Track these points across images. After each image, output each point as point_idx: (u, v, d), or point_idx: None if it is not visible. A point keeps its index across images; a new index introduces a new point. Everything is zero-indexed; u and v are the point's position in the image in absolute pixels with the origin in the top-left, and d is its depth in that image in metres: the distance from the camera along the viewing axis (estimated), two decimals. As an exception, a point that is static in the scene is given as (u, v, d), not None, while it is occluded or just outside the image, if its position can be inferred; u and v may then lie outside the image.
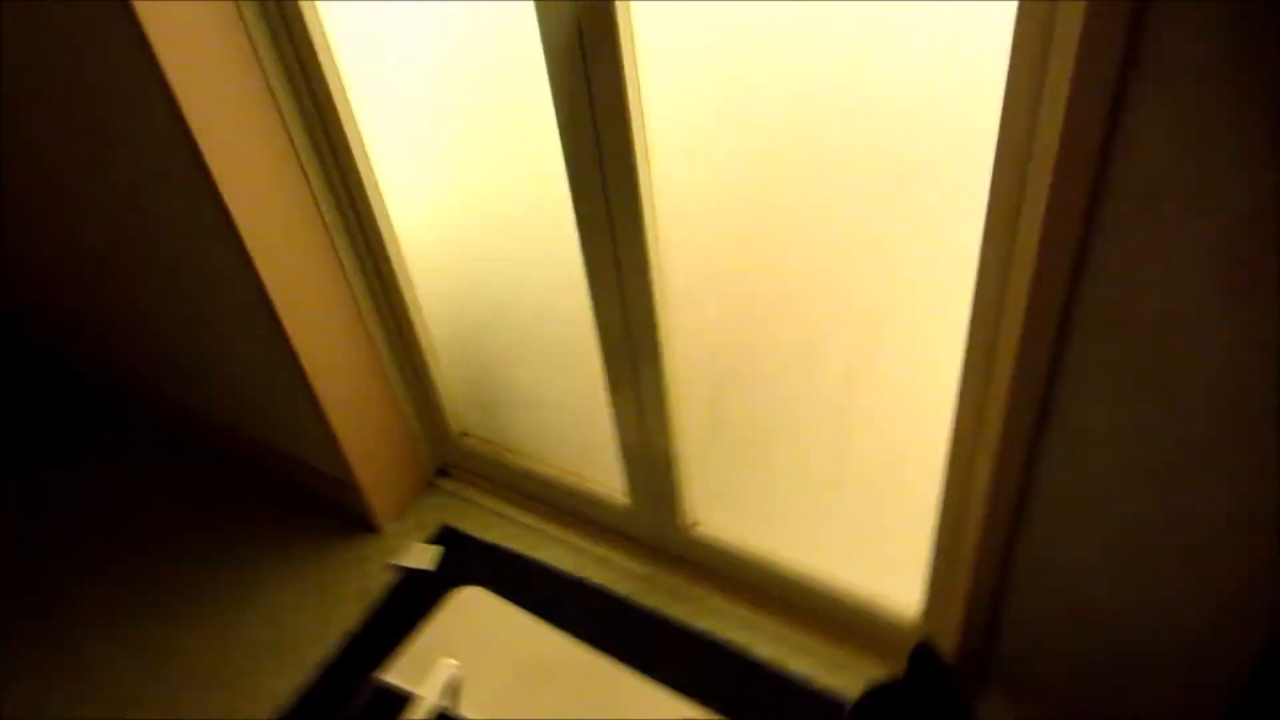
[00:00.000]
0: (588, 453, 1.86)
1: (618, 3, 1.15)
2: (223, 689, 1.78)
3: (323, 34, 1.48)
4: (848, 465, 1.49)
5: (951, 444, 1.29)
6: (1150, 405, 0.98)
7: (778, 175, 1.23)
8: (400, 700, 1.67)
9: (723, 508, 1.75)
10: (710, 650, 1.70)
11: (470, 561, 1.93)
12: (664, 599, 1.80)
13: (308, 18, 1.45)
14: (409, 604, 1.86)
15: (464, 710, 1.64)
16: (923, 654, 1.26)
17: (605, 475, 1.86)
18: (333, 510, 2.09)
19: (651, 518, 1.81)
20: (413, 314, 1.84)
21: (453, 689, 1.65)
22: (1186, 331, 0.90)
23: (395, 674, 1.73)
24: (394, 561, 1.95)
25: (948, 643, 1.48)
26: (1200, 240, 0.85)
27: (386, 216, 1.72)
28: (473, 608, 1.84)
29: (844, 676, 1.60)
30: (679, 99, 1.24)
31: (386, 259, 1.75)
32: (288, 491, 2.17)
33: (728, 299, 1.41)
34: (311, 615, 1.88)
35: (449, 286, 1.79)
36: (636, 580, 1.84)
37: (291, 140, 1.59)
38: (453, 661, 1.65)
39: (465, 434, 2.06)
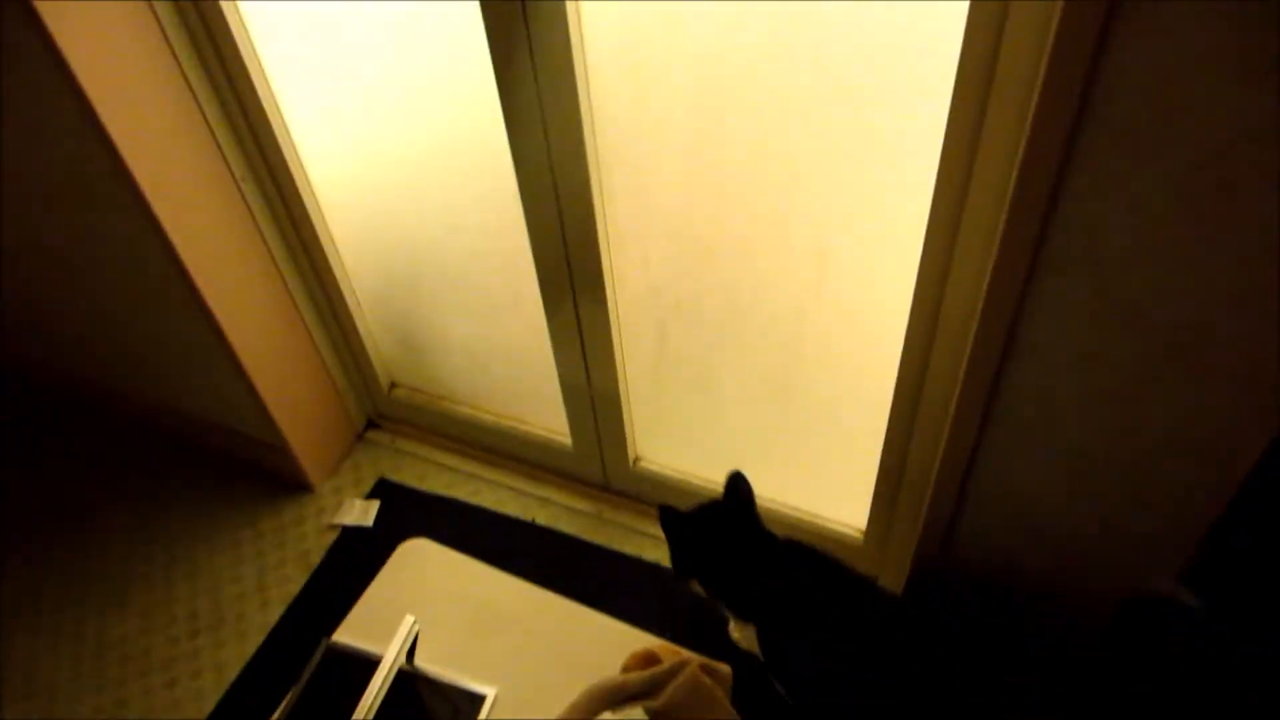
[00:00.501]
0: (526, 396, 1.84)
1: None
2: (164, 670, 1.71)
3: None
4: (795, 396, 1.51)
5: (900, 372, 1.31)
6: (1110, 333, 1.01)
7: (724, 106, 1.20)
8: (354, 660, 1.64)
9: (667, 442, 1.76)
10: (662, 580, 1.72)
11: (410, 513, 1.90)
12: (612, 534, 1.81)
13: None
14: (351, 562, 1.82)
15: (423, 664, 1.63)
16: (735, 481, 1.37)
17: (546, 417, 1.84)
18: (263, 474, 2.01)
19: (595, 456, 1.81)
20: (334, 268, 1.75)
21: (410, 644, 1.63)
22: (1149, 264, 0.93)
23: (346, 634, 1.70)
24: (332, 521, 1.89)
25: (897, 555, 1.54)
26: (1167, 176, 0.87)
27: (302, 170, 1.62)
28: (419, 559, 1.81)
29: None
30: (623, 26, 1.19)
31: (304, 214, 1.66)
32: (214, 460, 2.07)
33: (673, 233, 1.39)
34: (251, 584, 1.82)
35: (372, 239, 1.71)
36: (582, 518, 1.85)
37: (195, 97, 1.48)
38: (411, 617, 1.63)
39: (395, 384, 2.00)
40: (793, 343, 1.43)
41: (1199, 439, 1.06)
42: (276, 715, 1.59)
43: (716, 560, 1.40)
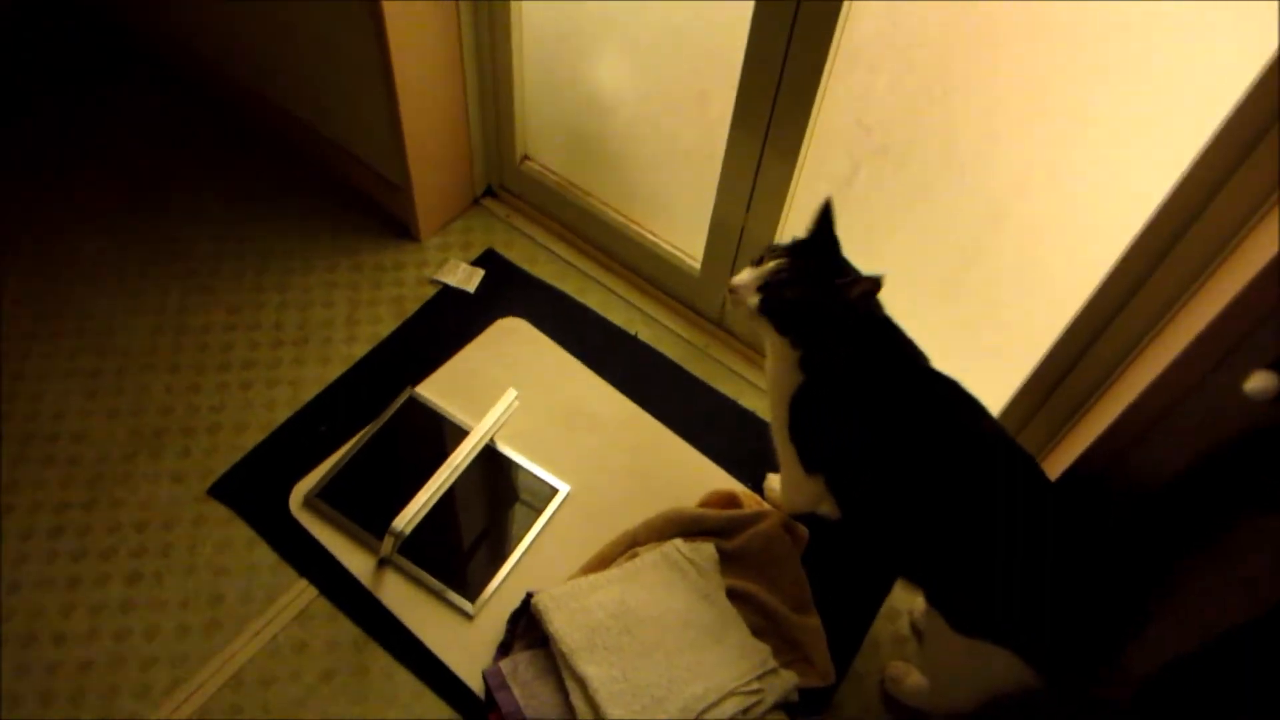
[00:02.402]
0: (668, 207, 1.73)
1: None
2: (242, 369, 1.67)
3: None
4: (963, 283, 1.41)
5: (1105, 286, 1.20)
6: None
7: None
8: (433, 416, 1.61)
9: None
10: (751, 426, 1.66)
11: (512, 291, 1.82)
12: (714, 371, 1.74)
13: None
14: (445, 322, 1.76)
15: (503, 442, 1.59)
16: (827, 209, 1.20)
17: (680, 236, 1.73)
18: (374, 211, 1.93)
19: (720, 290, 1.72)
20: (512, 11, 1.61)
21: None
22: None
23: (429, 389, 1.65)
24: (434, 276, 1.82)
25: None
26: None
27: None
28: (516, 338, 1.75)
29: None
30: None
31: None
32: (330, 183, 1.98)
33: (915, 66, 1.24)
34: (341, 313, 1.76)
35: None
36: (687, 347, 1.77)
37: None
38: (514, 391, 1.58)
39: (527, 157, 1.88)
40: (992, 222, 1.32)
41: None
42: (348, 446, 1.57)
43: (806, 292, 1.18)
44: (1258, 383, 0.89)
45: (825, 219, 1.20)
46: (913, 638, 1.48)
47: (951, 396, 1.18)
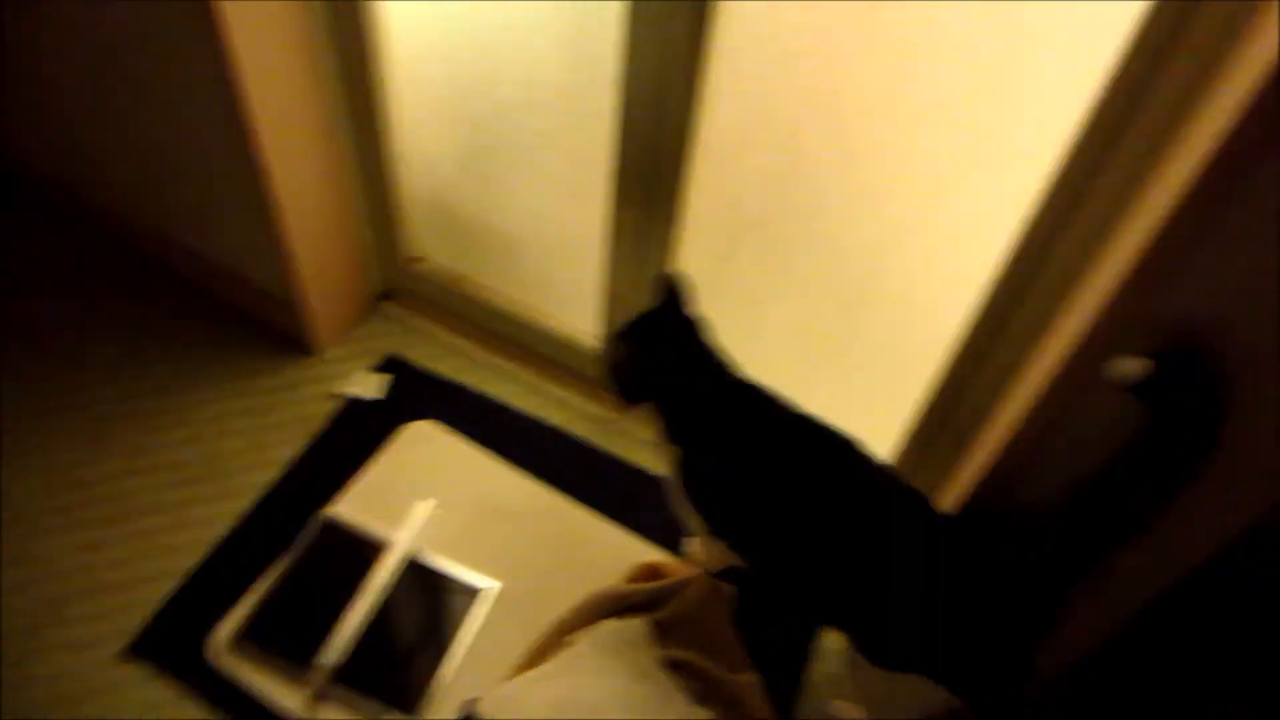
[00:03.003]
0: (561, 292, 1.76)
1: None
2: (145, 516, 1.62)
3: None
4: (846, 337, 1.47)
5: (976, 327, 1.28)
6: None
7: (859, 27, 1.12)
8: (350, 536, 1.59)
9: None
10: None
11: (419, 394, 1.82)
12: (628, 445, 1.77)
13: None
14: (353, 435, 1.75)
15: (425, 549, 1.58)
16: (668, 282, 1.26)
17: (578, 317, 1.76)
18: (267, 331, 1.90)
19: (622, 365, 1.75)
20: (391, 115, 1.63)
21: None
22: None
23: (344, 508, 1.64)
24: (337, 390, 1.81)
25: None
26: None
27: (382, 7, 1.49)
28: (426, 442, 1.75)
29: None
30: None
31: (372, 49, 1.52)
32: (217, 308, 1.94)
33: (774, 147, 1.31)
34: (244, 441, 1.73)
35: (437, 96, 1.59)
36: (597, 425, 1.80)
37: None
38: (431, 501, 1.57)
39: (419, 257, 1.90)
40: (866, 279, 1.39)
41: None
42: (267, 581, 1.54)
43: (659, 360, 1.25)
44: (1128, 365, 0.92)
45: (666, 291, 1.27)
46: (847, 674, 1.52)
47: (830, 444, 1.22)
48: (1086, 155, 1.05)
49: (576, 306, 1.74)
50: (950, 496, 1.41)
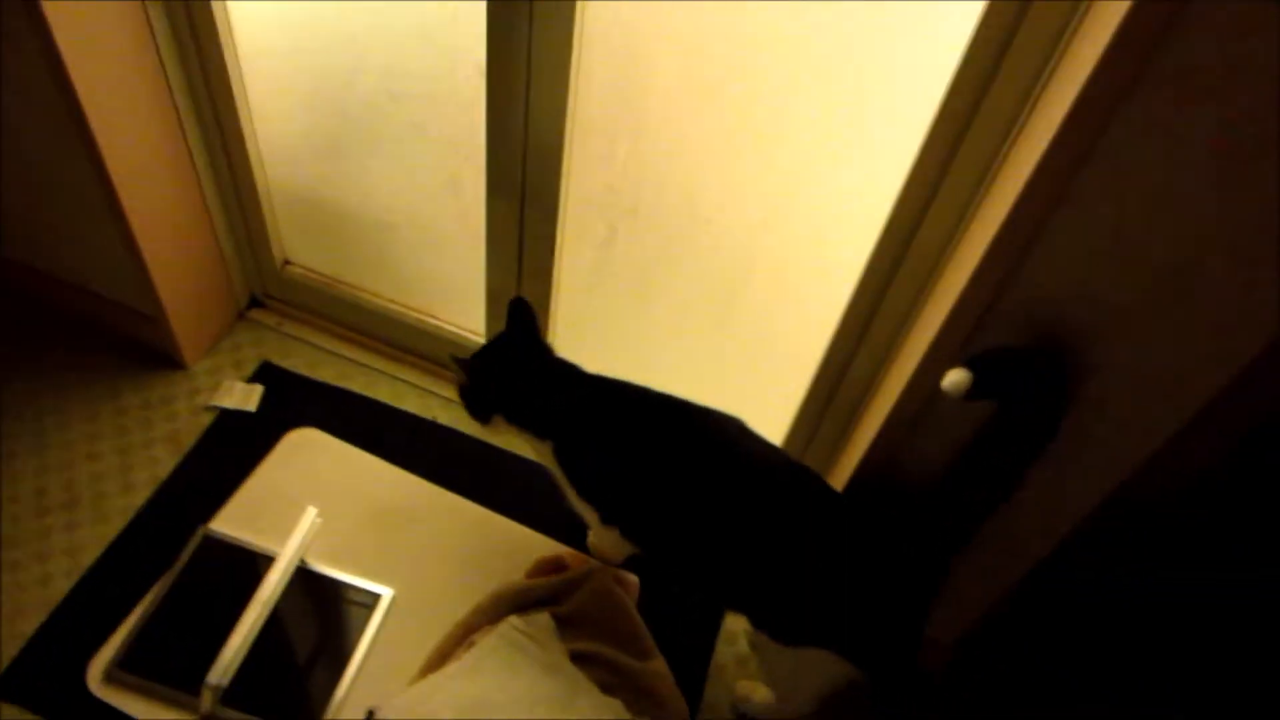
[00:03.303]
0: (442, 289, 1.73)
1: None
2: (7, 550, 1.51)
3: None
4: (732, 318, 1.50)
5: (854, 302, 1.32)
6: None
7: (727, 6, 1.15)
8: (234, 551, 1.52)
9: (592, 351, 1.70)
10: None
11: (297, 401, 1.76)
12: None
13: None
14: (229, 448, 1.67)
15: (314, 559, 1.53)
16: (518, 306, 1.35)
17: (460, 314, 1.74)
18: (129, 347, 1.80)
19: (508, 359, 1.74)
20: (241, 116, 1.56)
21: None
22: (1168, 212, 0.94)
23: (224, 523, 1.57)
24: (209, 403, 1.73)
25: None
26: (1203, 129, 0.88)
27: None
28: (309, 450, 1.69)
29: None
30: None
31: (215, 45, 1.46)
32: (71, 326, 1.83)
33: (647, 131, 1.32)
34: (112, 463, 1.64)
35: (294, 91, 1.53)
36: (487, 422, 1.78)
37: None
38: (313, 509, 1.52)
39: (288, 261, 1.83)
40: (744, 262, 1.42)
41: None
42: (145, 604, 1.46)
43: (511, 383, 1.34)
44: (951, 379, 1.00)
45: (514, 316, 1.35)
46: (753, 654, 1.56)
47: (713, 426, 1.25)
48: (941, 141, 1.11)
49: (460, 303, 1.72)
50: (839, 475, 1.46)
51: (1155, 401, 1.02)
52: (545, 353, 1.35)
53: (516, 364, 1.33)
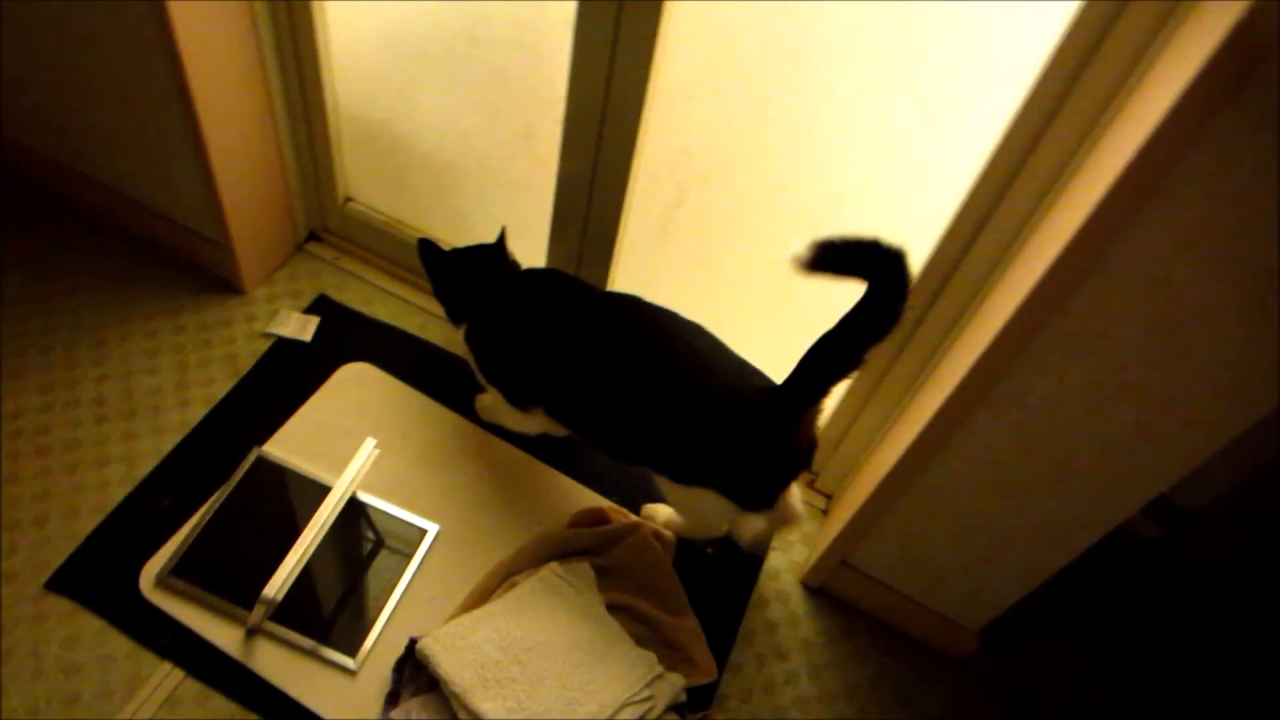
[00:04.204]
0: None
1: None
2: (65, 451, 1.56)
3: None
4: (790, 294, 1.52)
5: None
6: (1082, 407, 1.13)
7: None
8: (285, 474, 1.56)
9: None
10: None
11: (351, 335, 1.79)
12: (564, 394, 1.78)
13: None
14: (283, 375, 1.71)
15: (361, 490, 1.56)
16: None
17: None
18: (190, 269, 1.84)
19: (561, 312, 1.76)
20: (320, 52, 1.58)
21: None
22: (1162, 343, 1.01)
23: (276, 447, 1.60)
24: (265, 329, 1.76)
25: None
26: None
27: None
28: (361, 383, 1.72)
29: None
30: None
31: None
32: (137, 245, 1.86)
33: (726, 94, 1.33)
34: (169, 379, 1.67)
35: (373, 29, 1.55)
36: (534, 373, 1.80)
37: None
38: (372, 440, 1.55)
39: (350, 198, 1.85)
40: (814, 234, 1.42)
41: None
42: (197, 516, 1.50)
43: (450, 272, 1.58)
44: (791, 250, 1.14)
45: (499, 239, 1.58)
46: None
47: (610, 302, 1.42)
48: (1024, 127, 1.12)
49: (521, 251, 1.73)
50: (882, 456, 1.48)
51: (1227, 400, 1.03)
52: (493, 255, 1.56)
53: (466, 261, 1.56)
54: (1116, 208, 0.94)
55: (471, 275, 1.54)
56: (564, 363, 1.40)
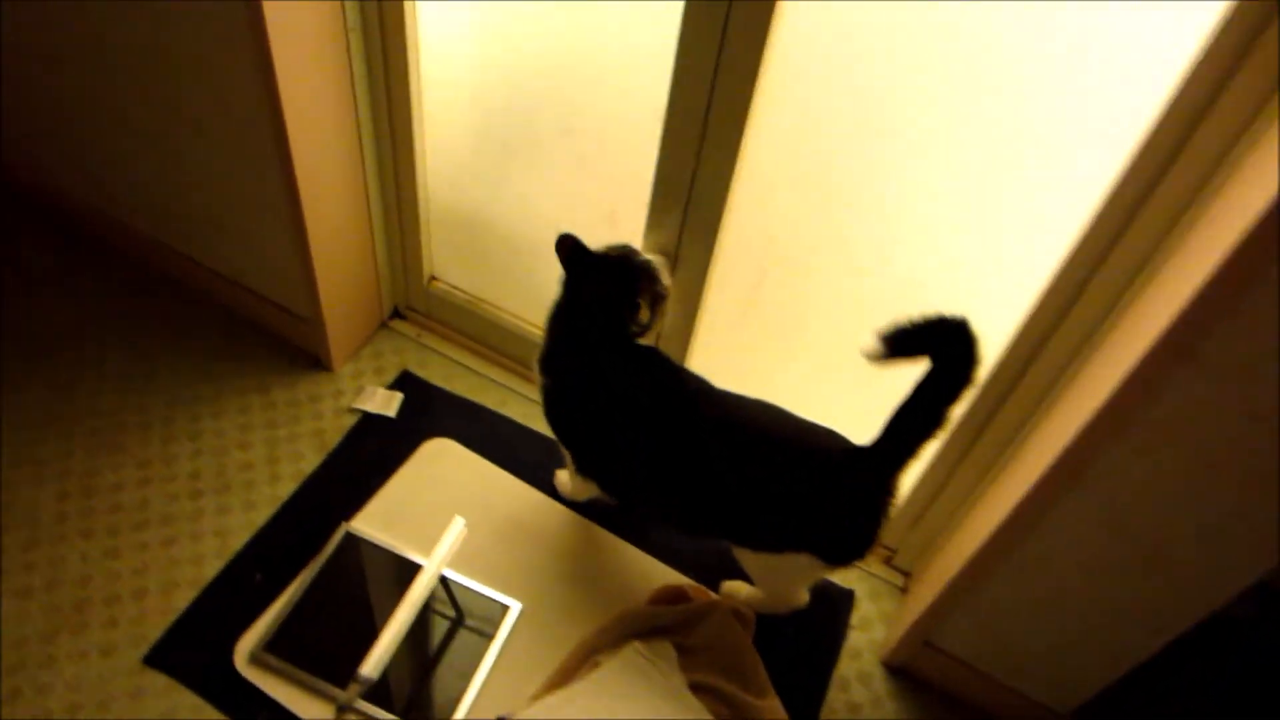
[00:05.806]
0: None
1: None
2: (162, 526, 1.61)
3: None
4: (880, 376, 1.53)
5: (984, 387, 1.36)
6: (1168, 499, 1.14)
7: (909, 70, 1.19)
8: (371, 550, 1.59)
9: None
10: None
11: (433, 411, 1.84)
12: (640, 469, 1.80)
13: None
14: (369, 450, 1.75)
15: (447, 567, 1.59)
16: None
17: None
18: (281, 346, 1.91)
19: (639, 389, 1.79)
20: (415, 137, 1.65)
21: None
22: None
23: (363, 523, 1.64)
24: (352, 405, 1.81)
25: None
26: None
27: (415, 29, 1.51)
28: (445, 459, 1.76)
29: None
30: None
31: (402, 71, 1.55)
32: (230, 322, 1.95)
33: (809, 182, 1.37)
34: (260, 454, 1.73)
35: (466, 119, 1.62)
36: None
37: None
38: (460, 519, 1.59)
39: (434, 278, 1.92)
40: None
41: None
42: (289, 592, 1.53)
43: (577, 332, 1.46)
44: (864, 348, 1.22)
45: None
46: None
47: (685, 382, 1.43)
48: (1103, 230, 1.14)
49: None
50: (968, 533, 1.47)
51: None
52: (612, 312, 1.42)
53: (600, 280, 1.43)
54: (1217, 295, 0.95)
55: (583, 320, 1.44)
56: (641, 444, 1.41)
